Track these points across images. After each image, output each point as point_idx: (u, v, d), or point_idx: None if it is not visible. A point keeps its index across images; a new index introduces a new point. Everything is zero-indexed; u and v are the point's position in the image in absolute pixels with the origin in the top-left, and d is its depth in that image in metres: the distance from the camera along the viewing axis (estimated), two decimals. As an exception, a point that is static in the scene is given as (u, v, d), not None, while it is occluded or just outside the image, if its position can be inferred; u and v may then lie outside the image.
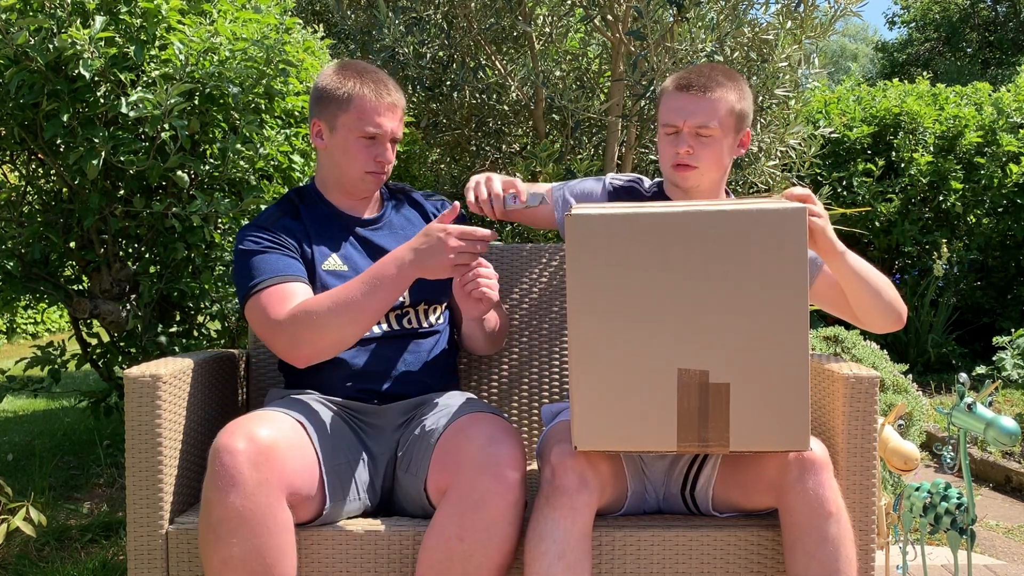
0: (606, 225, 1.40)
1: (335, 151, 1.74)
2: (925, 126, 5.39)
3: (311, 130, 1.77)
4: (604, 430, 1.44)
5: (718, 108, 1.69)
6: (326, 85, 1.73)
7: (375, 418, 1.74)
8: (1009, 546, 2.69)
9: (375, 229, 1.81)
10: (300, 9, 4.08)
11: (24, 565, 2.33)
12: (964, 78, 13.73)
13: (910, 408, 2.98)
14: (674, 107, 1.71)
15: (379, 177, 1.76)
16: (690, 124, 1.70)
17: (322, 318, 1.57)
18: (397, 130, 1.75)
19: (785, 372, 1.40)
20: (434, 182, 3.59)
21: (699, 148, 1.71)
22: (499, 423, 1.57)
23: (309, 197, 1.82)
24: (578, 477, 1.47)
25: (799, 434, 1.42)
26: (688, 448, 1.44)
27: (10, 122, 2.36)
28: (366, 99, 1.70)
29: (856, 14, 2.72)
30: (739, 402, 1.41)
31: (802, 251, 1.38)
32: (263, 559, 1.43)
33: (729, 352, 1.40)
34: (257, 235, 1.71)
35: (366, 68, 1.76)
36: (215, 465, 1.43)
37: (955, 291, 5.50)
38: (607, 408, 1.43)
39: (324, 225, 1.78)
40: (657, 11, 2.71)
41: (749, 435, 1.42)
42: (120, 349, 2.83)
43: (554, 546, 1.43)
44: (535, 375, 2.12)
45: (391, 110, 1.73)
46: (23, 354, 2.91)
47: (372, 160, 1.73)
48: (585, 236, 1.40)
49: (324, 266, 1.73)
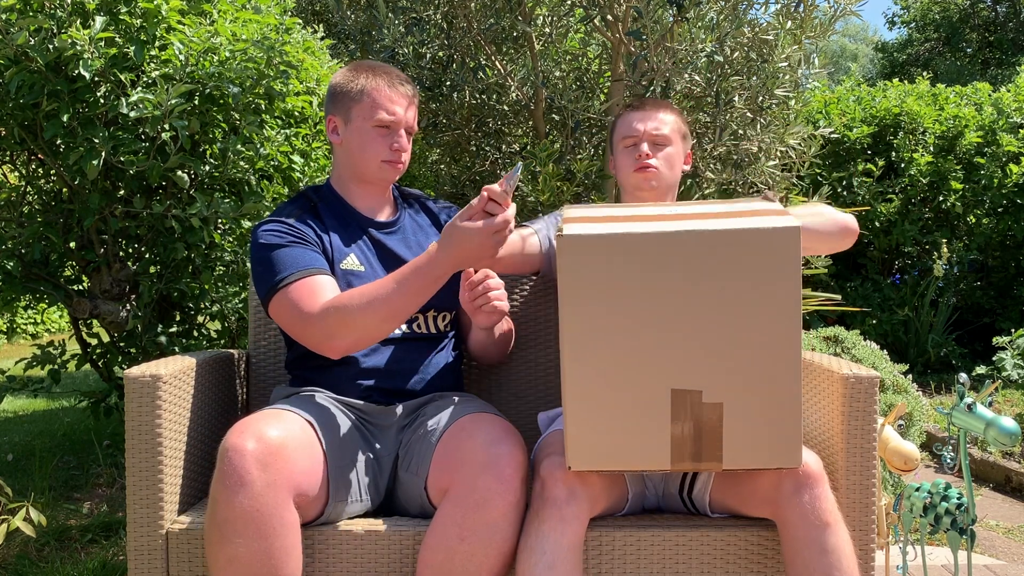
0: (598, 245, 1.39)
1: (351, 143, 1.76)
2: (925, 126, 5.40)
3: (327, 127, 1.79)
4: (598, 450, 1.45)
5: (667, 121, 1.94)
6: (339, 82, 1.76)
7: (380, 418, 1.74)
8: (1009, 546, 2.69)
9: (389, 233, 1.82)
10: (300, 9, 4.09)
11: (24, 565, 2.33)
12: (964, 78, 13.74)
13: (910, 408, 2.98)
14: (630, 121, 1.94)
15: (396, 167, 1.76)
16: (648, 131, 1.91)
17: (356, 313, 1.57)
18: (412, 121, 1.77)
19: (778, 391, 1.41)
20: (434, 182, 3.59)
21: (656, 151, 1.91)
22: (500, 423, 1.57)
23: (326, 196, 1.82)
24: (567, 489, 1.48)
25: (791, 452, 1.43)
26: (682, 467, 1.45)
27: (10, 122, 2.36)
28: (379, 88, 1.73)
29: (856, 14, 2.72)
30: (732, 421, 1.42)
31: (795, 269, 1.38)
32: (269, 559, 1.43)
33: (723, 372, 1.41)
34: (277, 229, 1.70)
35: (378, 64, 1.80)
36: (224, 464, 1.43)
37: (955, 291, 5.50)
38: (601, 428, 1.44)
39: (341, 224, 1.78)
40: (657, 11, 2.71)
41: (742, 454, 1.43)
42: (120, 349, 2.84)
43: (544, 557, 1.44)
44: (539, 378, 2.12)
45: (404, 99, 1.75)
46: (23, 354, 2.91)
47: (388, 148, 1.74)
48: (577, 256, 1.40)
49: (343, 264, 1.74)
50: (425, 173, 3.62)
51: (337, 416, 1.68)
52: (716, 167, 2.91)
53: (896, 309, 5.33)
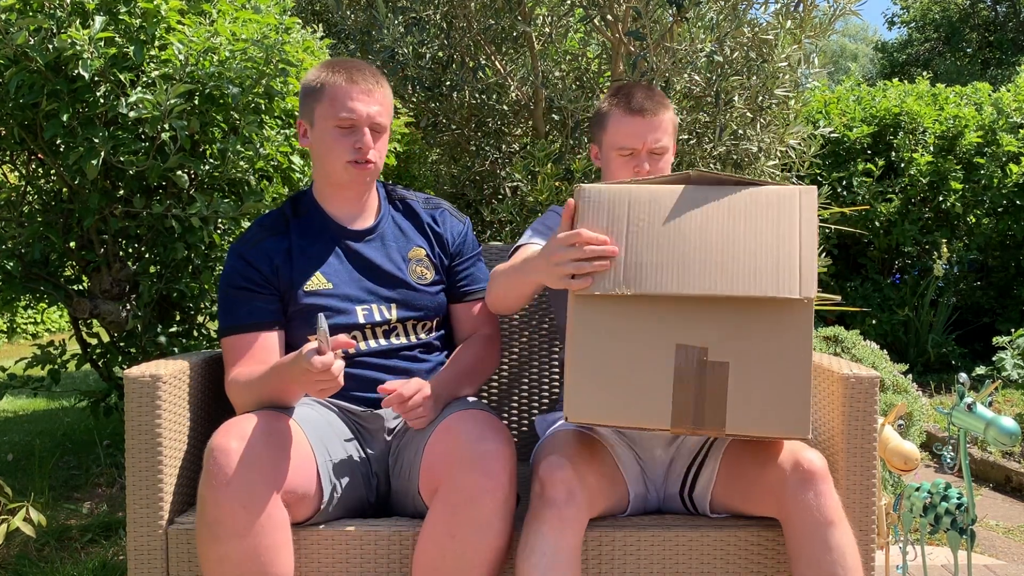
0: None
1: (318, 146, 1.72)
2: (925, 126, 5.39)
3: (298, 131, 1.76)
4: (596, 403, 1.41)
5: (667, 126, 1.83)
6: (305, 82, 1.73)
7: (370, 422, 1.74)
8: (1009, 546, 2.69)
9: (366, 241, 1.78)
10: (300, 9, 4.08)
11: (24, 565, 2.33)
12: (964, 78, 13.74)
13: (910, 408, 2.98)
14: (630, 132, 1.81)
15: (363, 168, 1.69)
16: (649, 145, 1.80)
17: (244, 392, 1.64)
18: (377, 116, 1.69)
19: (787, 355, 1.37)
20: (434, 182, 3.59)
21: (654, 164, 1.82)
22: (487, 420, 1.56)
23: (304, 206, 1.80)
24: (566, 490, 1.47)
25: (799, 420, 1.38)
26: (682, 429, 1.40)
27: (10, 122, 2.36)
28: (337, 86, 1.67)
29: (855, 13, 2.72)
30: (737, 383, 1.38)
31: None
32: (258, 557, 1.44)
33: (730, 330, 1.37)
34: (237, 267, 1.72)
35: (345, 61, 1.73)
36: (209, 464, 1.44)
37: (955, 291, 5.50)
38: (601, 381, 1.40)
39: (313, 239, 1.76)
40: (656, 11, 2.71)
41: (746, 419, 1.38)
42: (120, 349, 2.84)
43: (543, 559, 1.43)
44: (534, 375, 2.12)
45: (366, 94, 1.68)
46: (23, 354, 2.91)
47: (351, 148, 1.67)
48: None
49: (307, 287, 1.71)
50: (425, 173, 3.62)
51: (327, 417, 1.68)
52: (716, 167, 2.91)
53: (896, 309, 5.33)
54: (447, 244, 1.84)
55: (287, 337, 1.73)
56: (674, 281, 1.36)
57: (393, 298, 1.76)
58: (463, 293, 1.85)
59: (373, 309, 1.74)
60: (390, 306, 1.75)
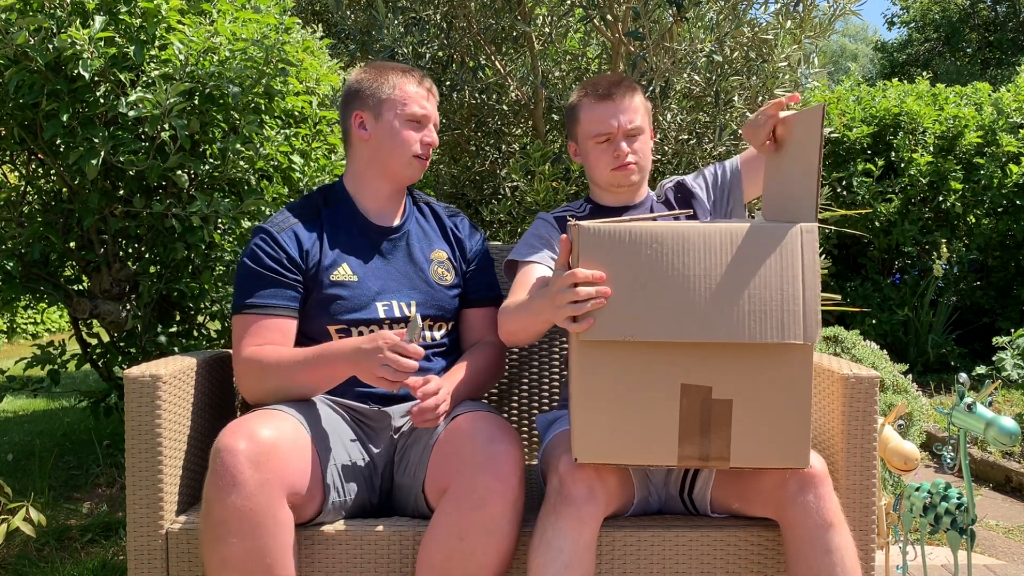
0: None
1: (382, 138, 1.77)
2: (925, 126, 5.39)
3: (352, 123, 1.79)
4: (604, 443, 1.44)
5: (638, 107, 1.85)
6: (363, 79, 1.79)
7: (374, 421, 1.74)
8: (1009, 546, 2.69)
9: (393, 238, 1.82)
10: (300, 9, 4.08)
11: (24, 565, 2.33)
12: (964, 78, 13.74)
13: (910, 408, 2.98)
14: (602, 116, 1.83)
15: (423, 163, 1.80)
16: (623, 125, 1.82)
17: (263, 373, 1.64)
18: (436, 118, 1.82)
19: (789, 391, 1.41)
20: (434, 182, 3.59)
21: (632, 144, 1.84)
22: (497, 421, 1.57)
23: (335, 197, 1.83)
24: (587, 488, 1.47)
25: (799, 452, 1.43)
26: (688, 463, 1.44)
27: (10, 122, 2.36)
28: (410, 84, 1.78)
29: (855, 13, 2.72)
30: (741, 419, 1.42)
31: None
32: (263, 559, 1.44)
33: (734, 370, 1.40)
34: (264, 246, 1.72)
35: (400, 64, 1.84)
36: (216, 464, 1.44)
37: (955, 291, 5.50)
38: (608, 421, 1.43)
39: (343, 230, 1.78)
40: (656, 11, 2.71)
41: (750, 452, 1.43)
42: (120, 349, 2.84)
43: (561, 556, 1.43)
44: (534, 376, 2.12)
45: (432, 94, 1.81)
46: (23, 354, 2.91)
47: (419, 142, 1.78)
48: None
49: (333, 276, 1.73)
50: (425, 173, 3.62)
51: (331, 417, 1.68)
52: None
53: (896, 309, 5.33)
54: (467, 251, 1.90)
55: (303, 326, 1.74)
56: (679, 328, 1.39)
57: (414, 296, 1.78)
58: (477, 298, 1.88)
59: (393, 305, 1.76)
60: (410, 303, 1.77)
